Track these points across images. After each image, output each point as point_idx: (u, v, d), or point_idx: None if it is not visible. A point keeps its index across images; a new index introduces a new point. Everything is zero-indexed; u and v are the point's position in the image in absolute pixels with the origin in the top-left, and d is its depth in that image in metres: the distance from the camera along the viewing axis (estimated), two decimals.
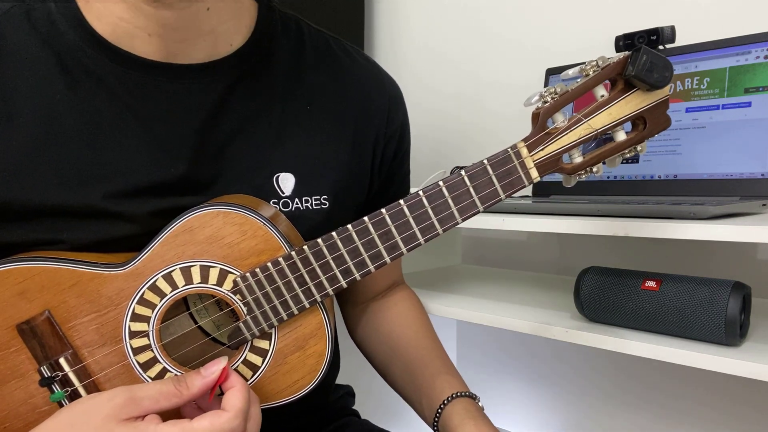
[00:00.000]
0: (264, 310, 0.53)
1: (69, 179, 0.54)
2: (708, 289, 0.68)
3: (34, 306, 0.52)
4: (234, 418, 0.47)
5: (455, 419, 0.63)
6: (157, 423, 0.46)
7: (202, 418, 0.46)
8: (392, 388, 0.76)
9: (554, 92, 0.49)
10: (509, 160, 0.50)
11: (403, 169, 0.76)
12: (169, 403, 0.48)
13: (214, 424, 0.46)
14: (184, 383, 0.49)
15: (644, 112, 0.50)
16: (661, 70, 0.47)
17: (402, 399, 0.74)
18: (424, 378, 0.70)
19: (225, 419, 0.47)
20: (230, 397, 0.48)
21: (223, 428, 0.46)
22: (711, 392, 1.03)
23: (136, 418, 0.47)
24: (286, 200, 0.62)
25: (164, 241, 0.52)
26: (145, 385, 0.49)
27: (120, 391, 0.47)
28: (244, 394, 0.49)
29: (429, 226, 0.50)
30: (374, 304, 0.78)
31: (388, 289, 0.80)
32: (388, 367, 0.75)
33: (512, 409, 1.34)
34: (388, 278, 0.79)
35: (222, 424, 0.46)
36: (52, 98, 0.55)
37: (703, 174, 0.85)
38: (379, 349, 0.76)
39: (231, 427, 0.47)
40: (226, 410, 0.47)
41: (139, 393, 0.47)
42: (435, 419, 0.65)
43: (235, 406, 0.48)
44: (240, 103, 0.61)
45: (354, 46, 0.73)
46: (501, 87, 1.25)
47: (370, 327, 0.78)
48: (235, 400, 0.48)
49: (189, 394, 0.49)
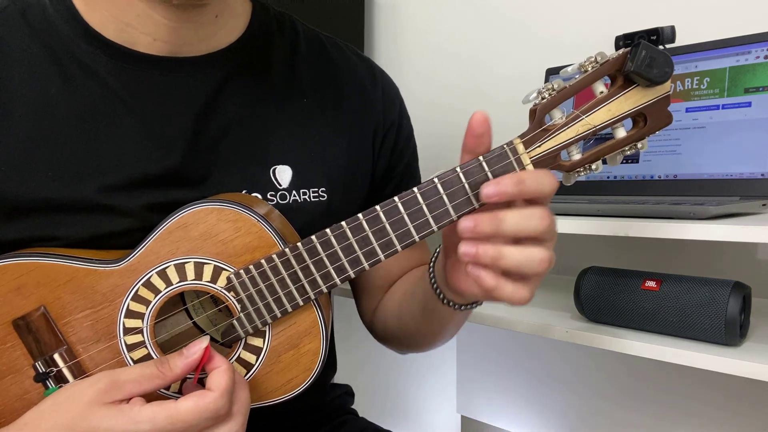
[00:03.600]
0: (258, 307, 0.53)
1: (63, 173, 0.54)
2: (708, 289, 0.68)
3: (29, 302, 0.52)
4: (219, 397, 0.47)
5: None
6: (141, 405, 0.46)
7: (186, 398, 0.46)
8: (410, 339, 0.70)
9: (552, 88, 0.49)
10: (505, 156, 0.49)
11: (402, 164, 0.75)
12: (152, 385, 0.48)
13: (199, 404, 0.46)
14: (166, 364, 0.49)
15: (644, 109, 0.49)
16: (661, 65, 0.47)
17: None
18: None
19: (210, 399, 0.46)
20: (215, 377, 0.48)
21: (208, 407, 0.46)
22: (711, 392, 1.03)
23: (120, 401, 0.47)
24: (283, 192, 0.62)
25: (158, 237, 0.52)
26: (128, 369, 0.48)
27: (103, 375, 0.47)
28: (229, 374, 0.48)
29: (424, 223, 0.50)
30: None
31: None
32: (400, 318, 0.69)
33: (512, 409, 1.34)
34: (401, 268, 0.75)
35: (207, 404, 0.46)
36: (46, 92, 0.55)
37: (703, 174, 0.85)
38: (390, 311, 0.72)
39: (216, 407, 0.46)
40: (211, 390, 0.47)
41: (121, 376, 0.47)
42: (430, 268, 0.60)
43: (220, 385, 0.47)
44: (235, 97, 0.61)
45: (347, 43, 0.74)
46: (501, 83, 1.25)
47: (381, 304, 0.74)
48: (219, 380, 0.48)
49: (172, 375, 0.48)
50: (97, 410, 0.46)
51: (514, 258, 0.47)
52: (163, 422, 0.45)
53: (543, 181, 0.47)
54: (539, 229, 0.47)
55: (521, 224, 0.47)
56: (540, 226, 0.47)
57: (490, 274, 0.48)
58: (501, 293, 0.48)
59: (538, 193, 0.47)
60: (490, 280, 0.48)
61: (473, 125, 0.49)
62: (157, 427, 0.45)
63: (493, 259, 0.47)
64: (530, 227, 0.47)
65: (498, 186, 0.47)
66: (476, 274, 0.48)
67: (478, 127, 0.48)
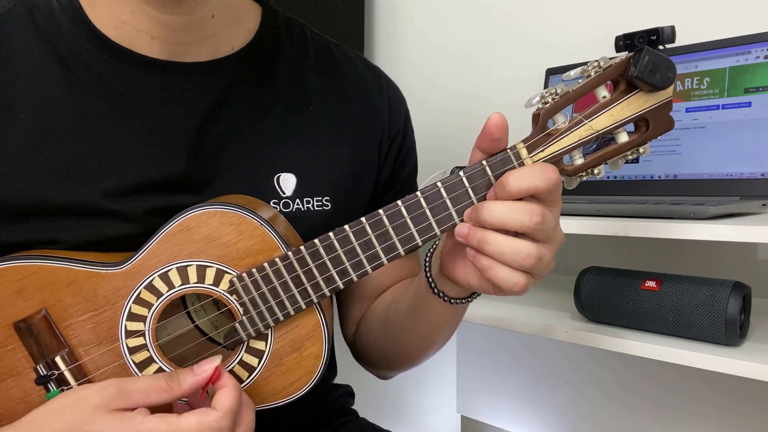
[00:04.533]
0: (260, 310, 0.53)
1: (67, 176, 0.54)
2: (708, 289, 0.68)
3: (31, 304, 0.52)
4: (222, 417, 0.47)
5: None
6: (144, 415, 0.46)
7: (189, 415, 0.46)
8: (394, 348, 0.68)
9: (555, 93, 0.49)
10: (509, 161, 0.49)
11: (404, 173, 0.74)
12: (159, 398, 0.48)
13: (201, 422, 0.46)
14: (175, 379, 0.49)
15: (647, 114, 0.49)
16: (663, 71, 0.47)
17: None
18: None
19: (213, 417, 0.46)
20: (220, 396, 0.48)
21: (210, 426, 0.46)
22: (711, 392, 1.03)
23: (125, 409, 0.47)
24: (286, 200, 0.62)
25: (161, 240, 0.52)
26: (137, 379, 0.49)
27: (111, 382, 0.48)
28: (236, 394, 0.48)
29: (427, 227, 0.50)
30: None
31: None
32: (386, 323, 0.68)
33: (512, 409, 1.34)
34: (391, 279, 0.74)
35: (209, 422, 0.46)
36: (51, 94, 0.55)
37: (703, 174, 0.85)
38: (376, 317, 0.70)
39: (219, 427, 0.46)
40: (215, 409, 0.47)
41: (130, 386, 0.48)
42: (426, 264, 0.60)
43: (224, 405, 0.47)
44: (240, 103, 0.61)
45: (355, 51, 0.74)
46: (502, 85, 1.25)
47: (367, 312, 0.73)
48: (225, 400, 0.48)
49: (179, 390, 0.49)
50: (101, 415, 0.46)
51: (499, 246, 0.47)
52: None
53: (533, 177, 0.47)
54: (526, 224, 0.47)
55: (505, 215, 0.47)
56: (528, 222, 0.47)
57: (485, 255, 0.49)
58: (495, 274, 0.48)
59: (527, 190, 0.47)
60: (484, 260, 0.49)
61: (490, 129, 0.49)
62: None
63: (479, 242, 0.48)
64: (516, 220, 0.47)
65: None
66: (472, 255, 0.49)
67: (496, 131, 0.48)
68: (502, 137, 0.49)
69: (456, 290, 0.57)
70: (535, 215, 0.47)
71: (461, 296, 0.58)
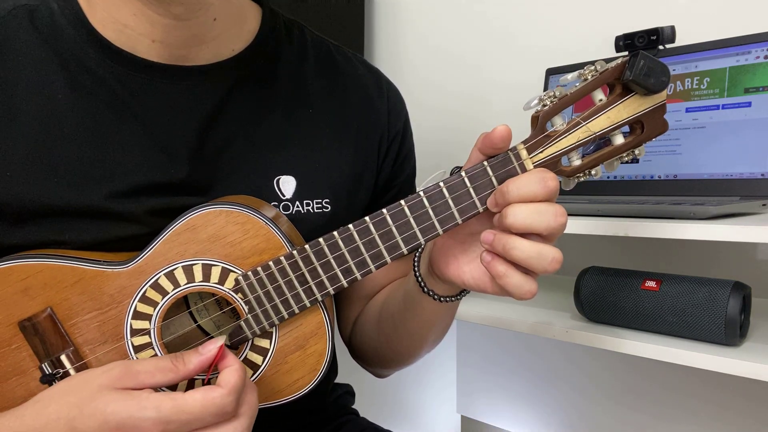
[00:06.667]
0: (265, 308, 0.53)
1: (71, 179, 0.55)
2: (708, 289, 0.68)
3: (36, 303, 0.52)
4: (227, 394, 0.47)
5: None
6: (149, 392, 0.47)
7: (194, 392, 0.46)
8: (387, 344, 0.70)
9: (553, 96, 0.50)
10: (509, 161, 0.50)
11: (403, 175, 0.75)
12: (165, 378, 0.48)
13: (206, 398, 0.46)
14: (180, 359, 0.49)
15: (642, 116, 0.51)
16: (658, 74, 0.48)
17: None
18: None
19: (218, 394, 0.46)
20: (225, 374, 0.48)
21: (215, 403, 0.46)
22: (711, 391, 1.04)
23: (131, 389, 0.47)
24: (286, 203, 0.62)
25: (167, 239, 0.53)
26: (143, 360, 0.49)
27: (117, 363, 0.48)
28: (240, 373, 0.48)
29: (429, 227, 0.51)
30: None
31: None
32: (380, 320, 0.69)
33: (512, 409, 1.34)
34: (387, 278, 0.75)
35: (214, 399, 0.46)
36: (53, 98, 0.55)
37: (703, 174, 0.85)
38: (371, 315, 0.71)
39: (223, 403, 0.46)
40: (220, 386, 0.47)
41: (135, 366, 0.48)
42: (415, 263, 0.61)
43: (229, 382, 0.47)
44: (241, 106, 0.61)
45: (355, 53, 0.74)
46: (501, 87, 1.25)
47: (363, 311, 0.74)
48: (229, 377, 0.48)
49: (185, 370, 0.49)
50: (106, 393, 0.46)
51: (524, 251, 0.48)
52: (169, 411, 0.45)
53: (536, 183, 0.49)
54: (552, 225, 0.48)
55: (530, 218, 0.48)
56: (554, 222, 0.48)
57: (501, 260, 0.50)
58: (508, 281, 0.50)
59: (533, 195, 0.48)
60: (500, 266, 0.50)
61: (495, 139, 0.50)
62: (162, 414, 0.45)
63: (504, 247, 0.49)
64: (542, 222, 0.48)
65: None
66: (488, 260, 0.50)
67: (500, 141, 0.50)
68: (505, 146, 0.50)
69: (445, 288, 0.58)
70: (559, 215, 0.48)
71: (450, 294, 0.59)
